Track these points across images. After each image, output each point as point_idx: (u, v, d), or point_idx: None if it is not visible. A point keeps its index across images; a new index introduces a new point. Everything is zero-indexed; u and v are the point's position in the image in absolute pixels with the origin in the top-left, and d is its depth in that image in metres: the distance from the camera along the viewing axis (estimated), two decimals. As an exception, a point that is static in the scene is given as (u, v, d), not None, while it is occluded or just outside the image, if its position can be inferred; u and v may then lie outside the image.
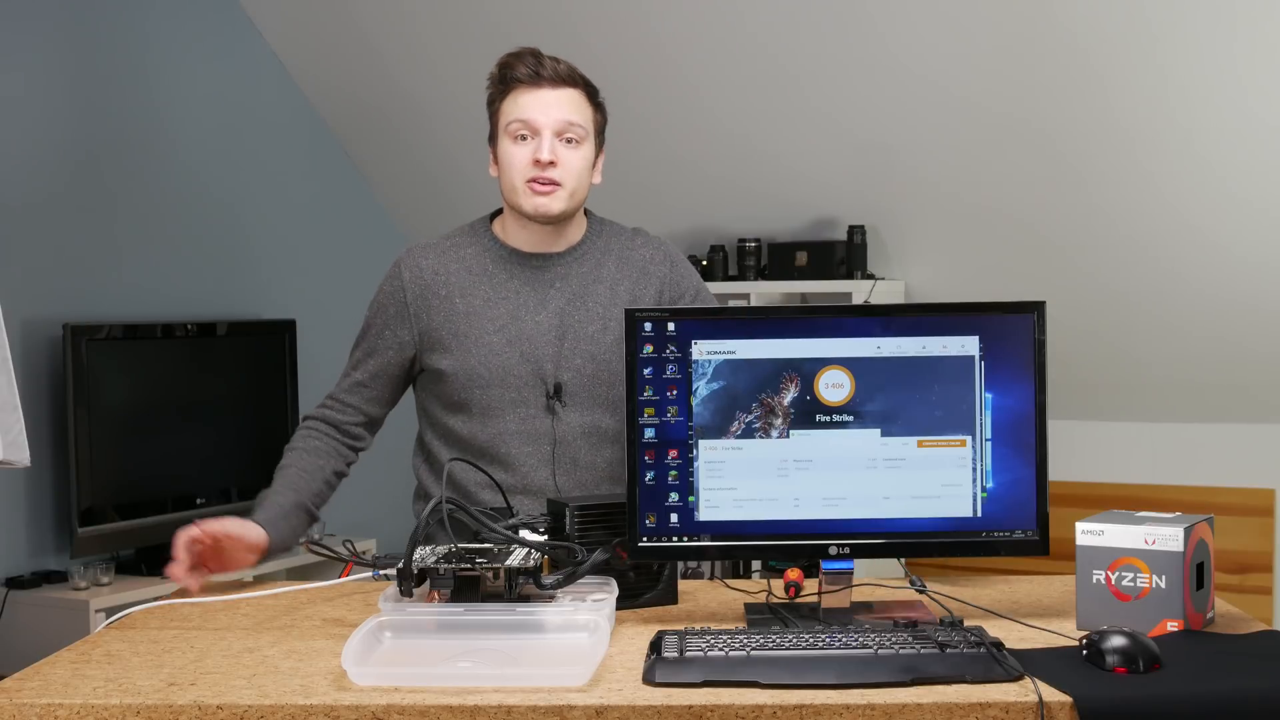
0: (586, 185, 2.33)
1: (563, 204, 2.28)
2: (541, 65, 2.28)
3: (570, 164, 2.28)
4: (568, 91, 2.28)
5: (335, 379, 2.45)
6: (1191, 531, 1.88)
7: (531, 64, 2.28)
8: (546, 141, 2.26)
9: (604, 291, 2.36)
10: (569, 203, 2.29)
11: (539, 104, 2.27)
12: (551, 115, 2.26)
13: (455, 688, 1.64)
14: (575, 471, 2.34)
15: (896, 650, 1.71)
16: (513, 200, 2.31)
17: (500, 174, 2.33)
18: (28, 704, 1.64)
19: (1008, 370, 1.96)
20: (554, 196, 2.27)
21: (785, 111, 4.36)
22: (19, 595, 3.87)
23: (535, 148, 2.26)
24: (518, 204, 2.30)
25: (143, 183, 4.39)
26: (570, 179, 2.28)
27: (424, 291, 2.34)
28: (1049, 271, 4.36)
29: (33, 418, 3.23)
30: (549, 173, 2.26)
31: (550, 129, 2.26)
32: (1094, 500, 4.42)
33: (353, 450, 2.42)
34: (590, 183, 2.34)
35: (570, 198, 2.29)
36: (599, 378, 2.34)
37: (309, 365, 4.66)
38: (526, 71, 2.28)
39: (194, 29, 4.57)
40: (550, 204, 2.28)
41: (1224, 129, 3.84)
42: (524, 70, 2.28)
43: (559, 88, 2.28)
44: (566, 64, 2.30)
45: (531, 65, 2.28)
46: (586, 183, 2.32)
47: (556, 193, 2.27)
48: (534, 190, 2.27)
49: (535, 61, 2.28)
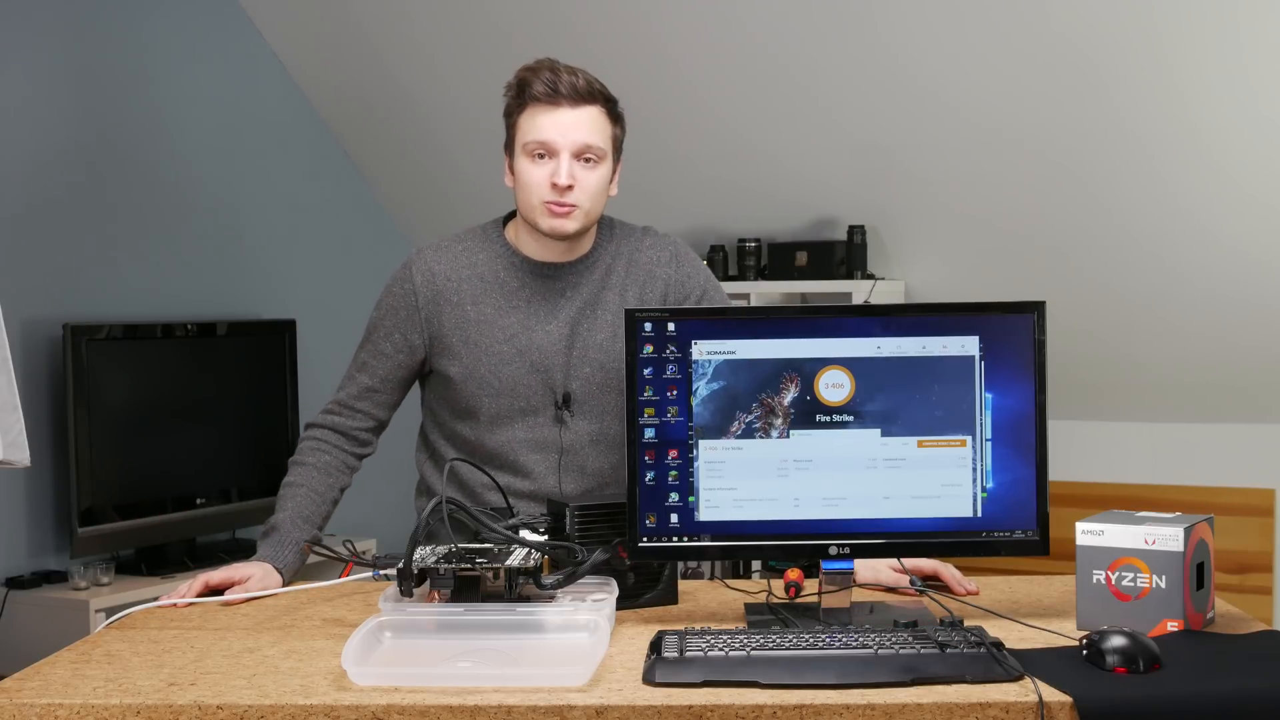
0: (603, 203, 2.31)
1: (579, 224, 2.27)
2: (559, 81, 2.22)
3: (587, 185, 2.25)
4: (587, 110, 2.24)
5: (335, 379, 2.44)
6: (1191, 531, 1.88)
7: (549, 80, 2.22)
8: (564, 165, 2.23)
9: (613, 299, 2.35)
10: (585, 222, 2.28)
11: (557, 126, 2.23)
12: (569, 138, 2.23)
13: (455, 688, 1.65)
14: (583, 479, 2.35)
15: (896, 650, 1.71)
16: (529, 218, 2.29)
17: (517, 190, 2.30)
18: (28, 704, 1.64)
19: (1008, 370, 1.96)
20: (570, 218, 2.26)
21: (785, 111, 4.36)
22: (19, 595, 3.87)
23: (553, 170, 2.23)
24: (534, 222, 2.29)
25: (143, 183, 4.39)
26: (587, 199, 2.26)
27: (435, 296, 2.33)
28: (1049, 271, 4.36)
29: (33, 418, 3.23)
30: (566, 196, 2.24)
31: (568, 150, 2.23)
32: (1094, 500, 4.42)
33: (359, 459, 2.41)
34: (608, 197, 2.33)
35: (586, 217, 2.28)
36: (607, 385, 2.34)
37: (309, 365, 4.66)
38: (544, 89, 2.23)
39: (194, 29, 4.57)
40: (566, 225, 2.26)
41: (1225, 127, 3.84)
42: (541, 87, 2.23)
43: (578, 106, 2.23)
44: (585, 77, 2.25)
45: (549, 81, 2.22)
46: (602, 201, 2.30)
47: (573, 214, 2.25)
48: (551, 211, 2.25)
49: (553, 77, 2.22)
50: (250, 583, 2.17)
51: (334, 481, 2.35)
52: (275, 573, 2.21)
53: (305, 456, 2.36)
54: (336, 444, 2.38)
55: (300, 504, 2.30)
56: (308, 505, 2.30)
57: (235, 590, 2.15)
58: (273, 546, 2.25)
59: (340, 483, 2.37)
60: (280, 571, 2.22)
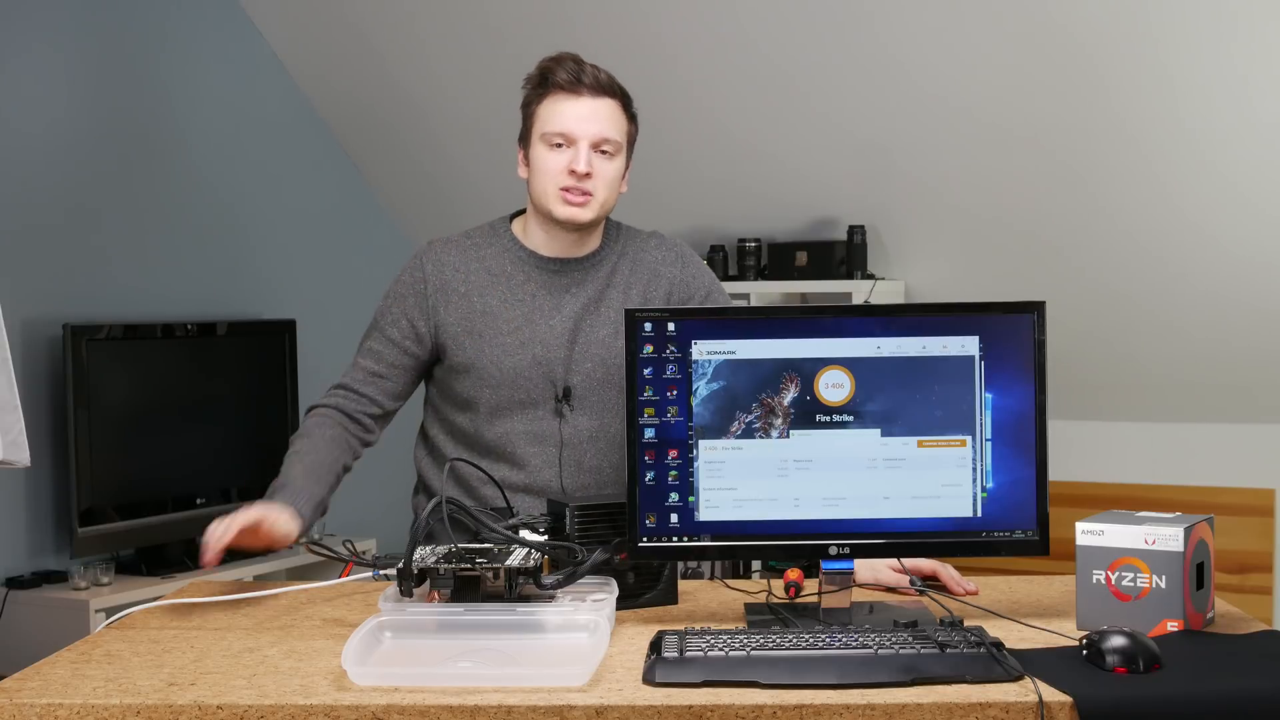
0: (615, 196, 2.33)
1: (594, 213, 2.29)
2: (583, 72, 2.27)
3: (604, 175, 2.28)
4: (606, 102, 2.28)
5: (335, 379, 2.43)
6: (1191, 531, 1.88)
7: (573, 70, 2.27)
8: (583, 152, 2.26)
9: (617, 296, 2.36)
10: (599, 212, 2.30)
11: (576, 114, 2.26)
12: (588, 127, 2.26)
13: (455, 688, 1.65)
14: (580, 474, 2.35)
15: (896, 650, 1.71)
16: (543, 205, 2.30)
17: (532, 177, 2.31)
18: (28, 704, 1.64)
19: (1008, 370, 1.96)
20: (586, 206, 2.28)
21: (785, 112, 4.36)
22: (19, 595, 3.87)
23: (571, 158, 2.26)
24: (548, 209, 2.29)
25: (143, 183, 4.39)
26: (603, 190, 2.28)
27: (444, 286, 2.34)
28: (1049, 271, 4.36)
29: (33, 418, 3.23)
30: (584, 184, 2.26)
31: (587, 139, 2.26)
32: (1094, 500, 4.42)
33: (362, 444, 2.39)
34: (619, 192, 2.35)
35: (601, 207, 2.30)
36: (609, 382, 2.34)
37: (309, 365, 4.66)
38: (567, 77, 2.27)
39: (195, 30, 4.57)
40: (582, 214, 2.28)
41: (1225, 127, 3.84)
42: (564, 76, 2.27)
43: (598, 97, 2.27)
44: (606, 73, 2.30)
45: (573, 71, 2.27)
46: (616, 195, 2.33)
47: (589, 203, 2.28)
48: (567, 199, 2.27)
49: (576, 68, 2.27)
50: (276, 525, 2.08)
51: (340, 454, 2.32)
52: (295, 514, 2.14)
53: (310, 429, 2.33)
54: (340, 422, 2.35)
55: (309, 465, 2.25)
56: (317, 467, 2.26)
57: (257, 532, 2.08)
58: (289, 495, 2.18)
59: (345, 457, 2.33)
60: (300, 515, 2.15)
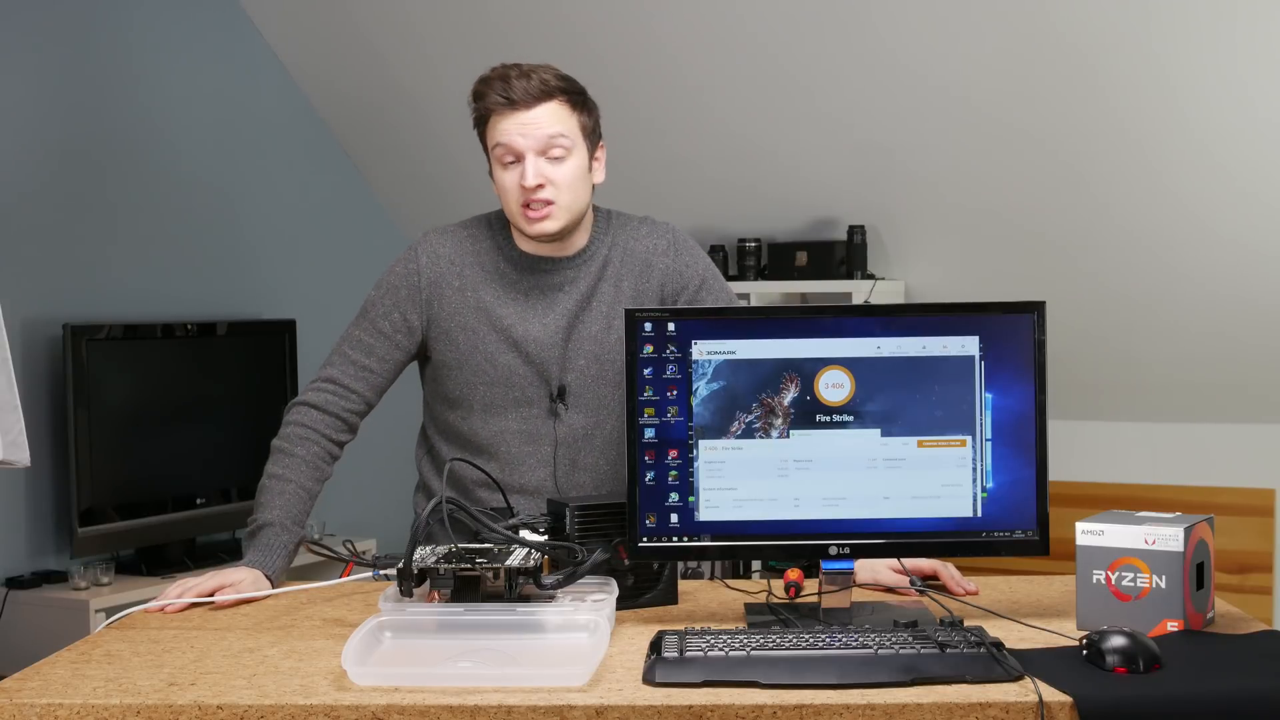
0: (584, 193, 2.29)
1: (561, 221, 2.27)
2: (510, 88, 2.23)
3: (560, 179, 2.24)
4: (545, 107, 2.23)
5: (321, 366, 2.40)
6: (1191, 531, 1.88)
7: (501, 89, 2.23)
8: (530, 165, 2.23)
9: (609, 290, 2.34)
10: (567, 217, 2.27)
11: (517, 127, 2.23)
12: (530, 137, 2.22)
13: (455, 688, 1.65)
14: (574, 473, 2.34)
15: (896, 650, 1.71)
16: (514, 223, 2.31)
17: (500, 198, 2.31)
18: (28, 704, 1.64)
19: (1008, 370, 1.96)
20: (550, 217, 2.26)
21: (785, 111, 4.36)
22: (19, 595, 3.87)
23: (521, 173, 2.23)
24: (518, 226, 2.30)
25: (143, 183, 4.39)
26: (563, 194, 2.25)
27: (438, 279, 2.33)
28: (1049, 271, 4.36)
29: (33, 418, 3.23)
30: (539, 195, 2.24)
31: (533, 149, 2.23)
32: (1094, 500, 4.42)
33: (341, 448, 2.37)
34: (591, 185, 2.32)
35: (567, 211, 2.27)
36: (603, 377, 2.34)
37: (309, 365, 4.65)
38: (498, 98, 2.24)
39: (193, 28, 4.57)
40: (547, 225, 2.26)
41: (1225, 126, 3.84)
42: (494, 97, 2.24)
43: (535, 105, 2.23)
44: (539, 77, 2.24)
45: (501, 90, 2.23)
46: (583, 191, 2.29)
47: (552, 211, 2.25)
48: (528, 215, 2.25)
49: (504, 86, 2.23)
50: (241, 586, 2.14)
51: (319, 475, 2.32)
52: (264, 579, 2.18)
53: (293, 446, 2.32)
54: (324, 432, 2.33)
55: (289, 503, 2.26)
56: (296, 504, 2.27)
57: (226, 592, 2.13)
58: (261, 551, 2.21)
59: (324, 475, 2.34)
60: (270, 579, 2.19)
